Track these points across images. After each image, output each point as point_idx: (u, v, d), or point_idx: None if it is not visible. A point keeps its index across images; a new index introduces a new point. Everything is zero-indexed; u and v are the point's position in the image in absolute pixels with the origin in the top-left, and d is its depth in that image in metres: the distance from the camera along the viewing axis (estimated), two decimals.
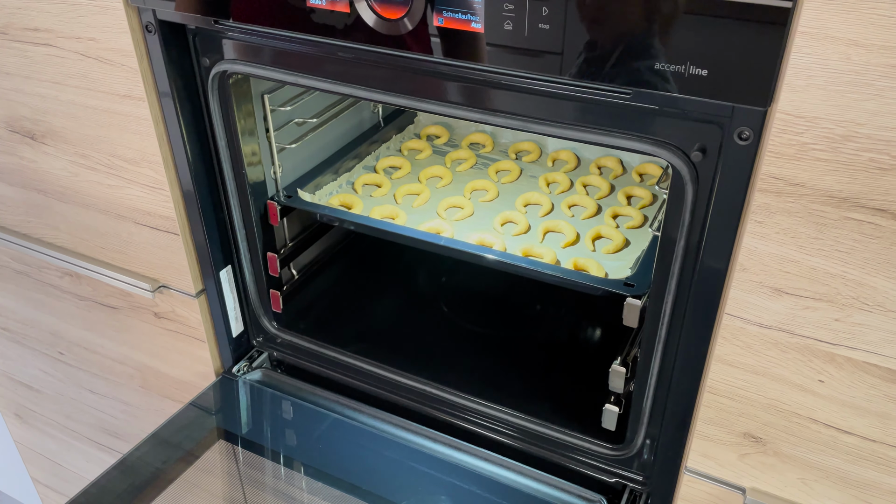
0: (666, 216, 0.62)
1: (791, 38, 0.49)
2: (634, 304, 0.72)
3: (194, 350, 1.02)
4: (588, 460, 0.81)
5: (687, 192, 0.59)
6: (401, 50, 0.63)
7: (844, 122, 0.50)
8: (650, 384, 0.72)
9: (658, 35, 0.52)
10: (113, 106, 0.83)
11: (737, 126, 0.55)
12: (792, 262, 0.57)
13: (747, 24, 0.50)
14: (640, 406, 0.74)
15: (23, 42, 0.85)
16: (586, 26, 0.55)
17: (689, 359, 0.67)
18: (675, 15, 0.51)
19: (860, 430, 0.62)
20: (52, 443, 1.44)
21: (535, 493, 0.82)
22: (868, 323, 0.57)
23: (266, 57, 0.73)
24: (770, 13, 0.49)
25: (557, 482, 0.82)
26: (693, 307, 0.65)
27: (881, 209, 0.52)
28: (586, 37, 0.55)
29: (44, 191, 0.99)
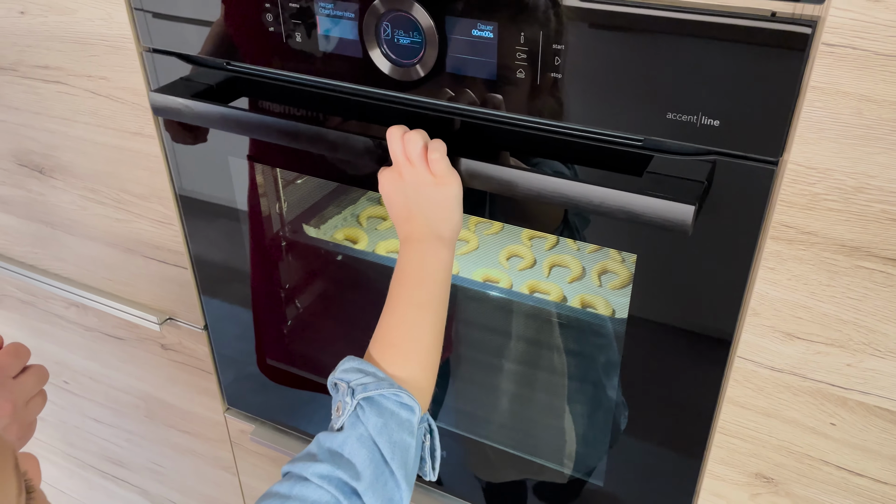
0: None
1: (803, 92, 0.50)
2: None
3: (200, 381, 1.02)
4: None
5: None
6: (413, 95, 0.64)
7: (856, 174, 0.51)
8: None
9: (670, 85, 0.53)
10: (123, 143, 0.83)
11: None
12: (804, 308, 0.57)
13: (760, 77, 0.50)
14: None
15: (33, 79, 0.85)
16: (597, 76, 0.55)
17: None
18: (687, 66, 0.52)
19: (872, 473, 0.62)
20: (55, 470, 1.43)
21: None
22: (880, 369, 0.57)
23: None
24: (782, 67, 0.49)
25: None
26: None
27: (892, 259, 0.52)
28: (597, 86, 0.56)
29: (51, 223, 0.99)
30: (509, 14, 0.56)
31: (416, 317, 0.62)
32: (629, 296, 0.82)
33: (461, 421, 0.89)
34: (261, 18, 0.67)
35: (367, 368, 0.60)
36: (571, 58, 0.55)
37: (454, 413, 0.91)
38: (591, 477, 0.79)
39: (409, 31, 0.61)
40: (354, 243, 0.98)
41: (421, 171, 0.62)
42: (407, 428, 0.58)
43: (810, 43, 0.48)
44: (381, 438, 0.57)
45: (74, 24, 0.77)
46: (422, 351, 0.62)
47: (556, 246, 0.97)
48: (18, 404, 0.62)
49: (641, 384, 0.69)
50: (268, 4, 0.65)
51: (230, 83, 0.74)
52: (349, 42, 0.64)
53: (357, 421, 0.57)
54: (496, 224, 1.00)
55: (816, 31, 0.48)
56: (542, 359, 0.91)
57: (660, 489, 0.74)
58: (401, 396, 0.58)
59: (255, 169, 0.82)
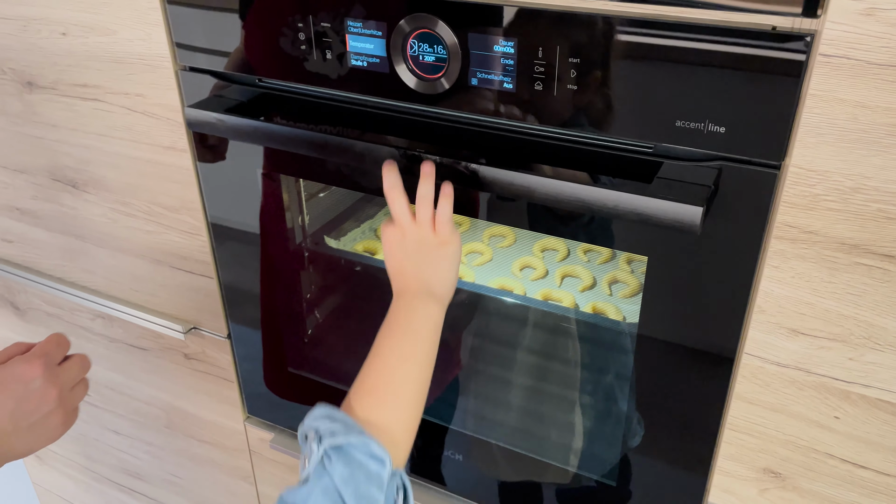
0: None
1: (802, 100, 0.54)
2: None
3: (222, 390, 1.05)
4: None
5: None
6: (437, 107, 0.68)
7: (853, 175, 0.54)
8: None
9: (679, 95, 0.57)
10: (156, 157, 0.88)
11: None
12: (807, 305, 0.61)
13: (762, 86, 0.54)
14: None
15: (71, 97, 0.90)
16: (612, 88, 0.60)
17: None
18: (694, 77, 0.56)
19: (875, 465, 0.65)
20: (71, 484, 1.45)
21: None
22: (880, 362, 0.60)
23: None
24: (783, 77, 0.53)
25: None
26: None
27: (889, 255, 0.56)
28: (610, 97, 0.60)
29: (82, 236, 1.03)
30: (528, 31, 0.61)
31: (399, 368, 0.62)
32: (639, 303, 0.85)
33: (474, 424, 0.92)
34: (292, 37, 0.71)
35: (337, 415, 0.58)
36: (586, 71, 0.60)
37: (466, 415, 0.94)
38: (603, 477, 0.82)
39: (434, 47, 0.65)
40: (373, 255, 1.02)
41: (426, 231, 0.65)
42: (376, 481, 0.55)
43: (808, 54, 0.52)
44: (347, 490, 0.53)
45: (114, 45, 0.82)
46: (400, 403, 0.61)
47: (567, 257, 1.00)
48: (64, 390, 0.66)
49: (653, 383, 0.72)
50: (300, 24, 0.70)
51: (261, 99, 0.78)
52: (377, 59, 0.68)
53: (323, 471, 0.54)
54: (509, 237, 1.04)
55: (814, 44, 0.52)
56: (556, 357, 0.94)
57: (672, 487, 0.76)
58: (370, 446, 0.55)
59: (280, 183, 0.86)
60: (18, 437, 0.63)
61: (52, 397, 0.64)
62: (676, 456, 0.75)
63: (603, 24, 0.58)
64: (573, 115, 0.63)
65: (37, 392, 0.64)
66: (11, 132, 0.98)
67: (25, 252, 1.12)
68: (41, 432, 0.65)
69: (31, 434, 0.64)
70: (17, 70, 0.92)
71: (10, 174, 1.03)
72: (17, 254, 1.14)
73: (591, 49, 0.59)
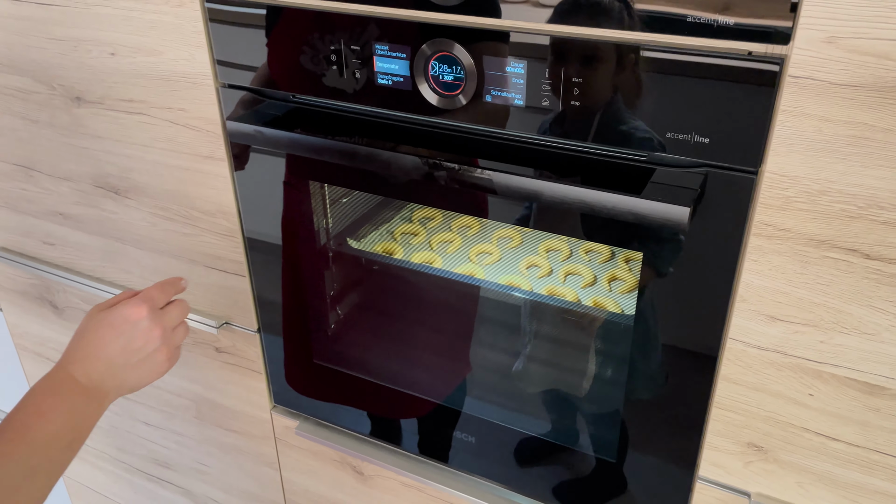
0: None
1: (775, 114, 0.62)
2: None
3: (250, 381, 1.13)
4: None
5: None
6: (455, 121, 0.76)
7: (819, 179, 0.63)
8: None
9: (669, 111, 0.66)
10: (195, 165, 0.96)
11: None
12: (782, 294, 0.69)
13: (741, 102, 0.63)
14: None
15: (117, 111, 0.98)
16: (610, 105, 0.68)
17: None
18: (683, 95, 0.65)
19: (846, 437, 0.73)
20: (100, 475, 1.53)
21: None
22: (847, 344, 0.68)
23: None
24: (758, 95, 0.62)
25: None
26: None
27: (852, 249, 0.64)
28: (609, 112, 0.69)
29: (121, 239, 1.11)
30: (537, 54, 0.69)
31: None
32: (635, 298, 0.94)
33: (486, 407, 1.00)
34: (325, 59, 0.80)
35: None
36: (588, 89, 0.68)
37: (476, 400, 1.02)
38: (603, 453, 0.90)
39: (453, 67, 0.74)
40: (391, 255, 1.10)
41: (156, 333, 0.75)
42: None
43: (779, 75, 0.61)
44: None
45: (160, 64, 0.91)
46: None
47: (570, 257, 1.09)
48: (166, 330, 0.75)
49: (647, 366, 0.80)
50: (332, 47, 0.79)
51: (294, 113, 0.87)
52: (401, 78, 0.77)
53: None
54: (516, 238, 1.13)
55: (784, 66, 0.60)
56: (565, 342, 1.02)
57: (666, 461, 0.85)
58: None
59: (308, 189, 0.95)
60: (129, 372, 0.73)
61: (157, 336, 0.74)
62: (670, 433, 0.83)
63: (602, 48, 0.66)
64: (576, 128, 0.71)
65: (143, 331, 0.73)
66: (58, 143, 1.07)
67: (66, 254, 1.21)
68: (148, 367, 0.75)
69: (140, 369, 0.74)
70: (67, 86, 1.00)
71: (55, 181, 1.12)
72: (57, 255, 1.22)
73: (593, 70, 0.67)
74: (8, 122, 1.10)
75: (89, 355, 0.73)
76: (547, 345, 1.04)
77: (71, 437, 0.69)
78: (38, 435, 0.66)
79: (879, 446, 0.71)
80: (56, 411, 0.68)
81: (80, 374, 0.72)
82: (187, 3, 0.85)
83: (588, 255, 1.09)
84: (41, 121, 1.07)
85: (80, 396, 0.70)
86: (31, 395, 0.69)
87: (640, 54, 0.65)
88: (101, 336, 0.73)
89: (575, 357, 1.02)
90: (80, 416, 0.70)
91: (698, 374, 0.78)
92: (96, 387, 0.72)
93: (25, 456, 0.65)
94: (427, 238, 1.16)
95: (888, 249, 0.63)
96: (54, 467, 0.67)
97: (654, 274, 0.75)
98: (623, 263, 1.05)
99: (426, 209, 1.22)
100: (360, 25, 0.76)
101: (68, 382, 0.71)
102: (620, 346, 0.92)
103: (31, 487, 0.64)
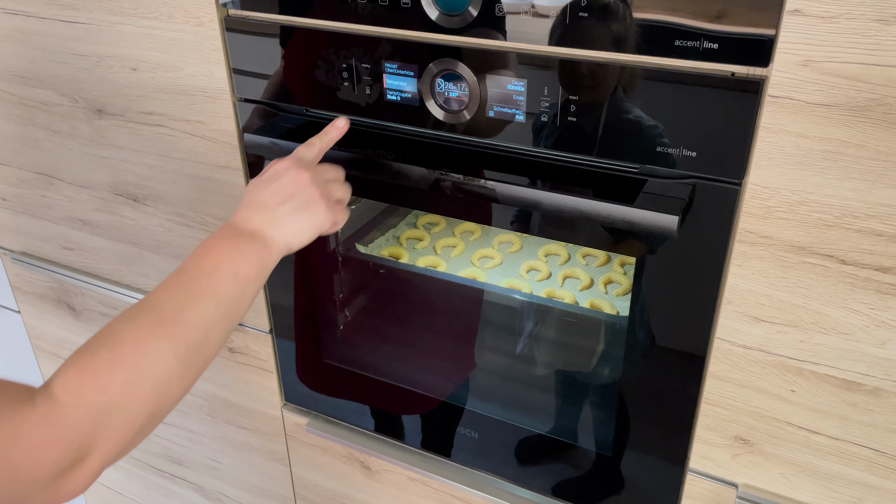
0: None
1: (757, 131, 0.67)
2: None
3: (262, 380, 1.18)
4: None
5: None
6: (460, 135, 0.81)
7: (798, 191, 0.68)
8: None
9: (662, 126, 0.71)
10: (212, 174, 1.01)
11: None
12: (765, 296, 0.74)
13: (725, 119, 0.68)
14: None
15: (137, 123, 1.03)
16: (605, 120, 0.73)
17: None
18: (672, 112, 0.70)
19: (826, 431, 0.78)
20: (114, 472, 1.58)
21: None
22: (826, 343, 0.73)
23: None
24: (741, 112, 0.67)
25: None
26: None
27: (829, 255, 0.69)
28: (604, 127, 0.74)
29: (139, 244, 1.16)
30: (535, 72, 0.74)
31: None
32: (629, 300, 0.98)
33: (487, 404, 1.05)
34: (337, 75, 0.85)
35: None
36: (583, 106, 0.73)
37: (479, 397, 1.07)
38: (599, 448, 0.95)
39: (458, 85, 0.79)
40: (397, 259, 1.15)
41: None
42: None
43: (760, 95, 0.66)
44: None
45: (179, 79, 0.96)
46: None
47: (568, 261, 1.14)
48: (318, 178, 0.76)
49: (641, 365, 0.85)
50: (344, 65, 0.84)
51: (308, 126, 0.92)
52: (409, 94, 0.82)
53: None
54: (517, 243, 1.18)
55: (764, 87, 0.65)
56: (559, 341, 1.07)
57: (659, 455, 0.90)
58: None
59: None
60: (287, 218, 0.73)
61: (306, 179, 0.74)
62: (663, 428, 0.88)
63: (597, 68, 0.71)
64: (573, 142, 0.76)
65: (291, 177, 0.74)
66: (79, 152, 1.12)
67: (84, 258, 1.26)
68: (308, 216, 0.75)
69: (299, 217, 0.74)
70: (89, 99, 1.06)
71: (75, 189, 1.17)
72: (75, 260, 1.27)
73: (588, 89, 0.73)
74: (31, 132, 1.15)
75: (245, 205, 0.75)
76: (546, 343, 1.09)
77: (234, 271, 0.69)
78: (200, 267, 0.68)
79: (857, 439, 0.76)
80: (218, 248, 0.70)
81: (238, 221, 0.74)
82: (206, 23, 0.90)
83: (585, 259, 1.14)
84: (63, 131, 1.12)
85: (241, 238, 0.72)
86: (197, 247, 0.72)
87: (631, 75, 0.70)
88: (254, 188, 0.75)
89: (570, 355, 1.07)
90: (243, 253, 0.71)
91: (688, 371, 0.83)
92: (255, 230, 0.72)
93: (189, 283, 0.67)
94: (431, 243, 1.21)
95: (861, 255, 0.68)
96: (223, 299, 0.68)
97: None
98: (618, 267, 1.10)
99: (431, 215, 1.27)
100: (372, 45, 0.81)
101: (227, 229, 0.73)
102: (615, 345, 0.97)
103: (198, 312, 0.65)
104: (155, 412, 0.62)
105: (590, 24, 0.69)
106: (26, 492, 0.54)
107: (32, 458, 0.54)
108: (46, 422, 0.55)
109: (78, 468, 0.57)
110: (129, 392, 0.59)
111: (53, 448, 0.55)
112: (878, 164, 0.64)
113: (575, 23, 0.70)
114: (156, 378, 0.61)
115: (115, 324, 0.63)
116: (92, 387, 0.58)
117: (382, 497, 1.17)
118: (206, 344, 0.66)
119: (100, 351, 0.60)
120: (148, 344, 0.61)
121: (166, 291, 0.66)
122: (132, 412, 0.60)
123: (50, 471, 0.55)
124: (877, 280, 0.68)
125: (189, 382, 0.65)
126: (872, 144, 0.63)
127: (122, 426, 0.59)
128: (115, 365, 0.59)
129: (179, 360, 0.63)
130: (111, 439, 0.59)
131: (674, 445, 0.88)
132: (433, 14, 0.76)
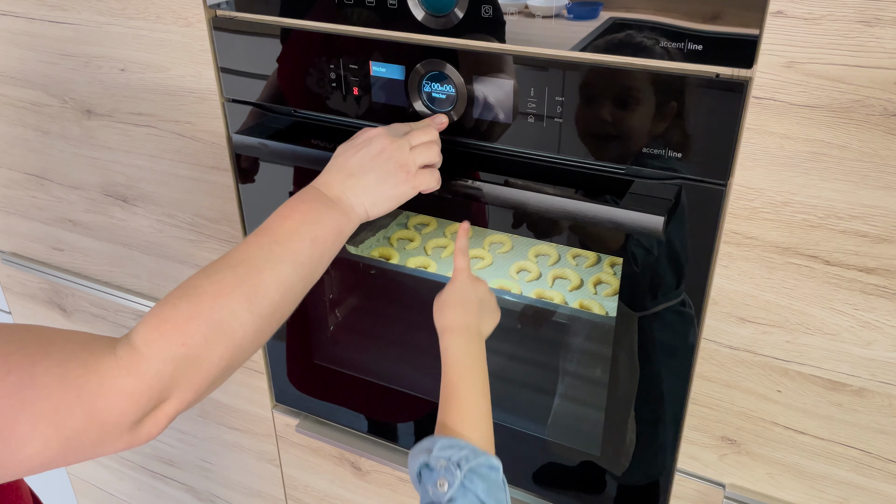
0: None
1: (741, 132, 0.67)
2: None
3: (252, 381, 1.18)
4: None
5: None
6: (447, 136, 0.82)
7: (782, 192, 0.68)
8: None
9: (647, 127, 0.71)
10: (201, 175, 1.01)
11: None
12: (751, 297, 0.74)
13: (710, 120, 0.68)
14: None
15: (126, 123, 1.03)
16: (591, 122, 0.73)
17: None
18: (658, 114, 0.70)
19: (812, 431, 0.78)
20: (106, 473, 1.58)
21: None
22: (811, 343, 0.74)
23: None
24: (726, 114, 0.67)
25: None
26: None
27: (813, 256, 0.70)
28: (591, 128, 0.74)
29: (129, 245, 1.16)
30: (523, 73, 0.74)
31: (482, 397, 0.77)
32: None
33: None
34: (325, 76, 0.85)
35: (460, 443, 0.70)
36: (570, 106, 0.74)
37: None
38: (588, 448, 0.95)
39: (445, 86, 0.79)
40: (387, 260, 1.16)
41: (467, 278, 0.84)
42: (501, 485, 0.69)
43: (744, 96, 0.66)
44: (490, 500, 0.66)
45: (168, 80, 0.96)
46: (488, 422, 0.76)
47: (558, 262, 1.14)
48: (402, 145, 0.75)
49: (629, 368, 0.85)
50: (332, 66, 0.84)
51: (296, 127, 0.92)
52: (397, 95, 0.82)
53: (466, 490, 0.66)
54: (507, 244, 1.18)
55: (748, 88, 0.66)
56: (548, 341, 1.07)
57: (648, 455, 0.90)
58: (491, 461, 0.68)
59: None
60: (368, 184, 0.74)
61: (393, 149, 0.74)
62: (651, 429, 0.89)
63: (583, 70, 0.72)
64: (560, 143, 0.76)
65: (378, 146, 0.74)
66: (69, 153, 1.12)
67: (74, 259, 1.26)
68: (390, 184, 0.75)
69: (378, 189, 0.74)
70: (78, 100, 1.06)
71: (65, 190, 1.17)
72: (66, 261, 1.27)
73: (574, 90, 0.73)
74: (20, 133, 1.15)
75: (330, 169, 0.76)
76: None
77: (313, 235, 0.70)
78: (280, 229, 0.70)
79: (842, 439, 0.77)
80: (300, 212, 0.71)
81: (321, 185, 0.75)
82: (194, 23, 0.90)
83: (575, 259, 1.14)
84: (53, 132, 1.12)
85: (322, 203, 0.73)
86: (280, 208, 0.73)
87: (617, 76, 0.70)
88: (342, 153, 0.76)
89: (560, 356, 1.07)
90: (323, 219, 0.72)
91: (677, 372, 0.83)
92: (337, 196, 0.73)
93: (269, 244, 0.68)
94: (422, 243, 1.21)
95: (845, 256, 0.68)
96: (300, 262, 0.69)
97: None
98: (608, 268, 1.11)
99: (421, 216, 1.27)
100: (359, 46, 0.81)
101: (310, 192, 0.74)
102: (604, 345, 0.97)
103: (276, 273, 0.67)
104: (230, 364, 0.64)
105: (575, 27, 0.70)
106: (109, 436, 0.57)
107: (116, 406, 0.56)
108: (129, 372, 0.57)
109: (155, 414, 0.60)
110: (206, 346, 0.61)
111: (136, 396, 0.57)
112: (861, 165, 0.64)
113: (561, 25, 0.70)
114: (231, 334, 0.63)
115: (196, 278, 0.64)
116: (172, 338, 0.60)
117: (373, 497, 1.17)
118: (280, 305, 0.68)
119: (179, 303, 0.62)
120: (226, 300, 0.63)
121: (247, 251, 0.68)
122: (208, 364, 0.62)
123: (132, 417, 0.58)
124: (861, 281, 0.68)
125: (262, 340, 0.67)
126: (856, 146, 0.63)
127: (198, 376, 0.61)
128: (194, 319, 0.61)
129: (254, 319, 0.64)
130: (187, 388, 0.61)
131: (661, 446, 0.88)
132: (419, 15, 0.76)
